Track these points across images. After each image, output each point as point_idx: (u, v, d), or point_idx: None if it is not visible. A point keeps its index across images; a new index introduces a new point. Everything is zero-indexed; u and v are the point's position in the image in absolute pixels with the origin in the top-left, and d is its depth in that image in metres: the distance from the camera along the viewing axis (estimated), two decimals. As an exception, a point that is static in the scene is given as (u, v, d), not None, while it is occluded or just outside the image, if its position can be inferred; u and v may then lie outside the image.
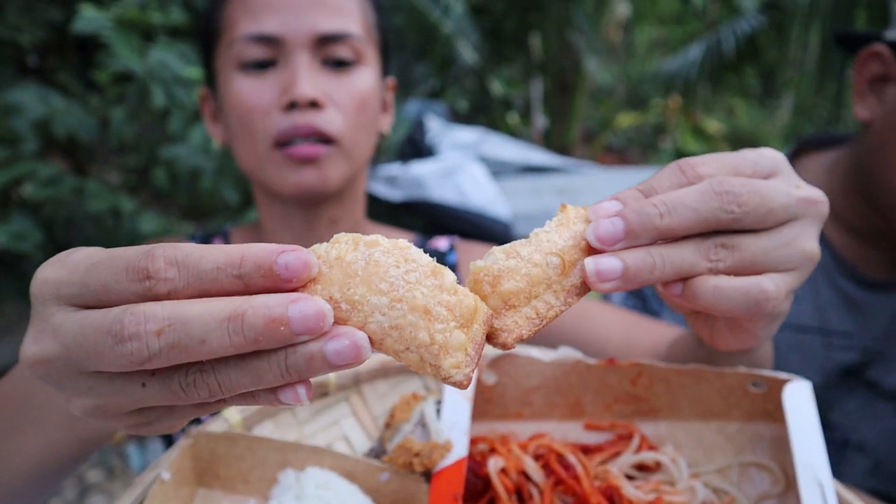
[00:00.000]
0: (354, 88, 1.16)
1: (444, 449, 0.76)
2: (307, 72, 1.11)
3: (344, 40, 1.15)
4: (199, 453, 0.76)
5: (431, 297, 0.48)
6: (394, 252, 0.49)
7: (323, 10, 1.14)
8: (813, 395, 0.77)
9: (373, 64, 1.21)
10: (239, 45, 1.13)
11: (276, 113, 1.12)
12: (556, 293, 0.57)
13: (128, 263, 0.45)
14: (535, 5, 8.04)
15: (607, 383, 0.86)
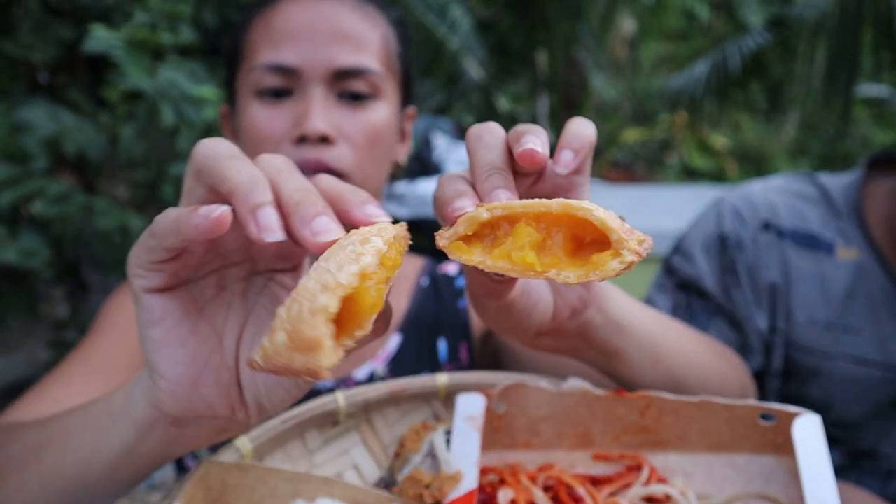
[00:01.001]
0: (368, 123, 1.16)
1: (454, 480, 0.76)
2: (321, 106, 1.12)
3: (361, 76, 1.15)
4: (210, 483, 0.77)
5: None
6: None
7: (343, 44, 1.14)
8: (822, 429, 0.77)
9: (390, 97, 1.21)
10: (257, 73, 1.14)
11: (286, 144, 1.12)
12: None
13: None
14: (542, 22, 8.08)
15: (616, 414, 0.86)
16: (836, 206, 1.36)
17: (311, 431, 0.89)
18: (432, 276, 1.37)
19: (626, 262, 0.55)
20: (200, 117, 2.31)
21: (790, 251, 1.34)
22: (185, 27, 2.43)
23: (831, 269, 1.32)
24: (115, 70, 2.22)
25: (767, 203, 1.39)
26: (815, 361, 1.30)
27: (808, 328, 1.31)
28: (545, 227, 0.59)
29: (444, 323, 1.31)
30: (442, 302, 1.32)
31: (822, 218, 1.36)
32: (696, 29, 11.40)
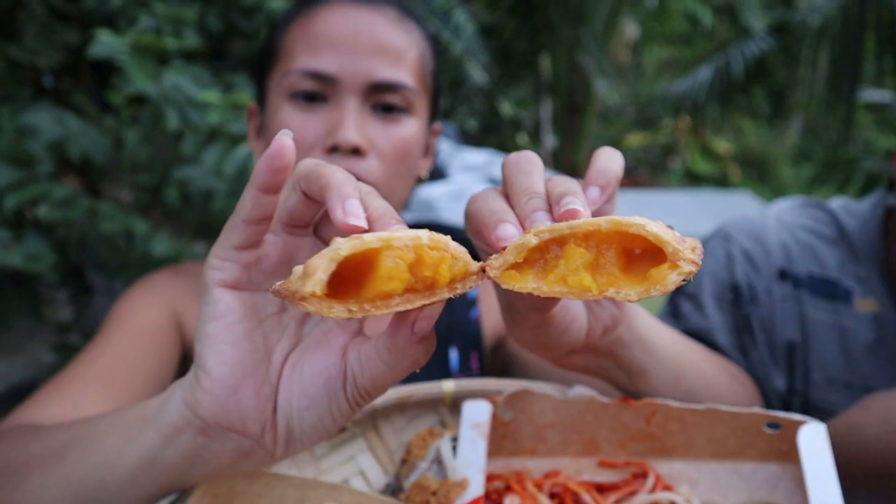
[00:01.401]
0: (399, 138, 1.16)
1: (461, 487, 0.76)
2: (355, 117, 1.12)
3: (396, 90, 1.16)
4: (218, 490, 0.77)
5: None
6: None
7: (382, 57, 1.14)
8: (828, 438, 0.77)
9: (421, 113, 1.22)
10: (294, 77, 1.14)
11: (317, 151, 1.12)
12: None
13: None
14: (545, 27, 8.09)
15: (622, 421, 0.86)
16: (854, 247, 1.29)
17: (317, 437, 0.89)
18: None
19: (684, 272, 0.54)
20: (205, 122, 2.32)
21: (807, 303, 1.27)
22: (190, 32, 2.43)
23: (850, 321, 1.25)
24: (119, 74, 2.23)
25: (781, 246, 1.31)
26: None
27: (826, 388, 1.24)
28: (595, 246, 0.58)
29: (456, 332, 1.31)
30: (453, 311, 1.32)
31: (840, 260, 1.29)
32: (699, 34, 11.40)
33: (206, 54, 2.79)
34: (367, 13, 1.17)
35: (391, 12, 1.20)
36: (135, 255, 2.39)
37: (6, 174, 2.03)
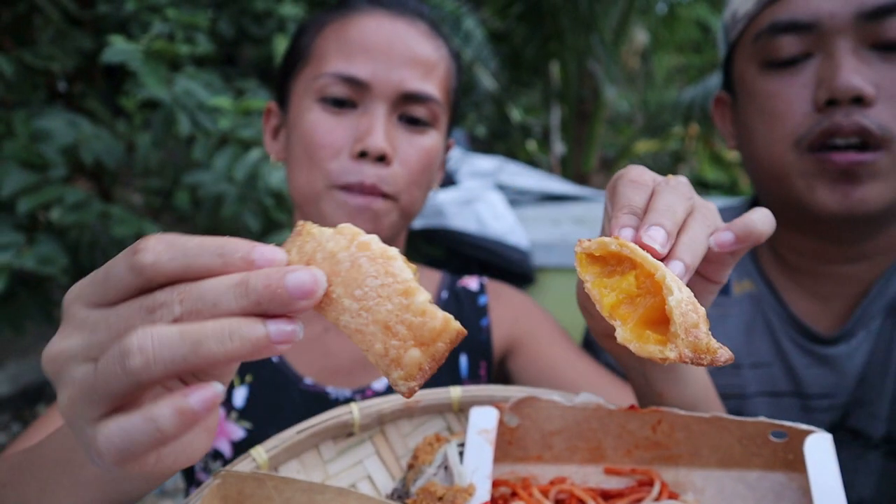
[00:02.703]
0: (423, 149, 1.19)
1: (467, 493, 0.77)
2: (384, 124, 1.14)
3: (425, 102, 1.18)
4: (227, 493, 0.78)
5: (394, 315, 0.52)
6: (378, 261, 0.52)
7: (415, 68, 1.16)
8: (834, 448, 0.77)
9: (442, 127, 1.24)
10: (326, 80, 1.15)
11: (344, 156, 1.14)
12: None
13: (130, 261, 0.51)
14: (555, 34, 8.10)
15: (628, 429, 0.86)
16: None
17: (326, 442, 0.90)
18: (452, 290, 1.38)
19: (663, 355, 0.58)
20: (216, 127, 2.34)
21: None
22: (202, 37, 2.46)
23: (729, 306, 1.29)
24: (132, 79, 2.25)
25: None
26: (735, 404, 1.26)
27: (716, 375, 1.27)
28: (645, 286, 0.62)
29: (466, 339, 1.31)
30: (464, 318, 1.33)
31: None
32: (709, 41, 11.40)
33: (217, 60, 2.82)
34: (402, 24, 1.19)
35: (423, 26, 1.22)
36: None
37: (20, 178, 2.05)
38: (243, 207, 2.45)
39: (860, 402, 1.19)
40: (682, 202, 0.70)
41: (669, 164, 12.44)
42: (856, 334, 1.19)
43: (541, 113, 11.32)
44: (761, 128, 1.15)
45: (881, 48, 1.05)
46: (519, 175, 4.80)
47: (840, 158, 1.04)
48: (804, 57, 1.10)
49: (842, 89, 1.03)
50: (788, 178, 1.13)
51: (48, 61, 2.39)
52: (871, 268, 1.20)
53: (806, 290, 1.25)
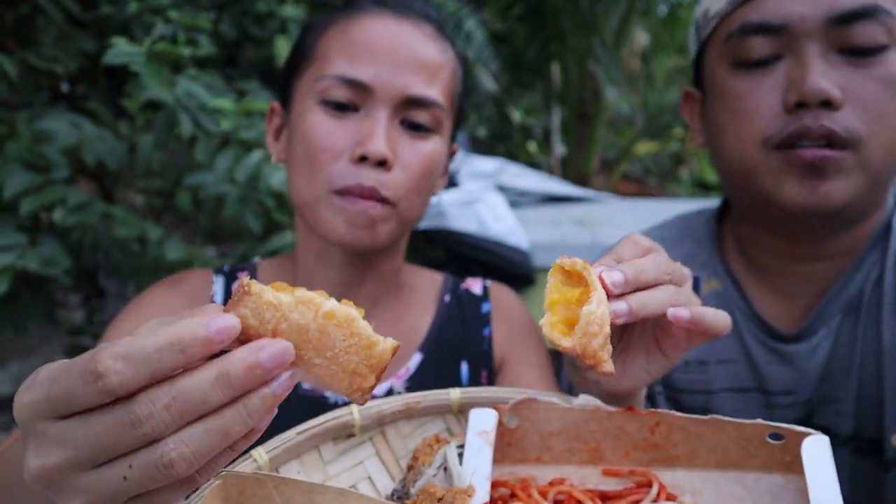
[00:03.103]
0: (424, 154, 1.17)
1: (467, 494, 0.78)
2: (386, 129, 1.12)
3: (428, 107, 1.16)
4: (228, 493, 0.78)
5: (361, 363, 0.60)
6: (343, 325, 0.59)
7: (418, 72, 1.15)
8: (830, 450, 0.78)
9: (445, 133, 1.22)
10: (328, 82, 1.14)
11: (344, 160, 1.13)
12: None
13: (84, 370, 0.51)
14: (556, 35, 8.11)
15: (626, 430, 0.87)
16: (698, 238, 1.37)
17: (326, 443, 0.91)
18: (455, 294, 1.37)
19: (560, 342, 0.75)
20: (218, 128, 2.34)
21: None
22: (204, 39, 2.46)
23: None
24: (134, 81, 2.26)
25: None
26: (700, 400, 1.29)
27: (683, 370, 1.30)
28: (583, 301, 0.76)
29: (468, 347, 1.31)
30: (466, 324, 1.32)
31: (685, 255, 1.36)
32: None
33: (218, 61, 2.82)
34: (407, 26, 1.17)
35: (429, 29, 1.20)
36: (148, 259, 2.41)
37: (23, 179, 2.06)
38: (245, 208, 2.46)
39: (825, 399, 1.21)
40: (656, 269, 0.83)
41: (670, 165, 12.43)
42: (816, 332, 1.21)
43: (541, 114, 11.33)
44: (731, 126, 1.18)
45: (849, 52, 1.08)
46: (519, 176, 4.81)
47: (807, 153, 1.07)
48: (774, 58, 1.12)
49: (811, 93, 1.06)
50: (756, 174, 1.15)
51: (51, 63, 2.39)
52: (833, 267, 1.22)
53: (770, 288, 1.28)
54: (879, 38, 1.06)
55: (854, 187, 1.09)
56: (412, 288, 1.36)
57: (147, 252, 2.39)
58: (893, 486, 1.15)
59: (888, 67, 1.07)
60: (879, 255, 1.20)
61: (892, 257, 1.19)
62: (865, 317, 1.19)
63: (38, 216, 2.38)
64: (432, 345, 1.29)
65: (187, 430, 0.52)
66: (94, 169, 2.60)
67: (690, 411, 1.27)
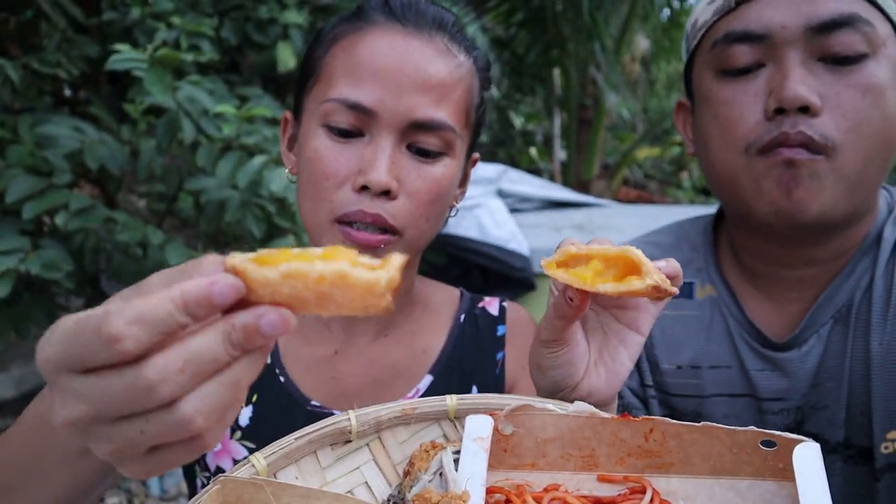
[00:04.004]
0: (432, 180, 1.11)
1: (462, 500, 0.78)
2: (389, 157, 1.06)
3: (436, 131, 1.09)
4: (226, 498, 0.79)
5: (368, 299, 0.58)
6: (339, 283, 0.58)
7: (426, 93, 1.08)
8: (821, 457, 0.79)
9: (459, 152, 1.16)
10: (331, 105, 1.08)
11: (347, 189, 1.08)
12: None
13: (94, 330, 0.53)
14: (557, 41, 8.13)
15: (621, 437, 0.88)
16: (694, 245, 1.39)
17: (323, 449, 0.92)
18: (470, 314, 1.33)
19: (646, 283, 0.78)
20: (220, 134, 2.36)
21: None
22: (206, 45, 2.48)
23: (691, 310, 1.33)
24: (137, 86, 2.27)
25: None
26: (693, 404, 1.30)
27: (676, 375, 1.32)
28: (606, 264, 0.82)
29: (480, 371, 1.28)
30: (480, 347, 1.29)
31: (682, 262, 1.33)
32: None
33: (220, 67, 2.84)
34: (416, 42, 1.10)
35: (441, 42, 1.12)
36: (150, 263, 2.42)
37: (26, 183, 2.07)
38: (246, 213, 2.47)
39: (815, 407, 1.22)
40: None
41: (670, 170, 12.44)
42: (807, 340, 1.22)
43: (542, 120, 11.35)
44: (715, 133, 1.20)
45: (829, 61, 1.10)
46: (520, 182, 4.82)
47: (784, 151, 1.09)
48: (757, 66, 1.14)
49: (789, 99, 1.08)
50: (738, 181, 1.17)
51: (54, 68, 2.41)
52: (824, 273, 1.23)
53: (763, 294, 1.29)
54: (858, 47, 1.08)
55: (828, 195, 1.10)
56: (426, 305, 1.32)
57: (149, 256, 2.41)
58: (885, 494, 1.16)
59: (867, 76, 1.09)
60: (870, 263, 1.20)
61: (882, 266, 1.19)
62: (855, 325, 1.19)
63: (41, 220, 2.39)
64: (444, 368, 1.26)
65: (201, 389, 0.55)
66: (96, 174, 2.62)
67: (683, 415, 1.30)
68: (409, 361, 1.27)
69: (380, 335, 1.27)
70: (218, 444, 0.64)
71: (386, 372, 1.25)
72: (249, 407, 1.21)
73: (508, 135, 9.72)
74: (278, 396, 1.21)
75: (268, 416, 1.20)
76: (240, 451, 1.19)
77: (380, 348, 1.26)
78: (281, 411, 1.20)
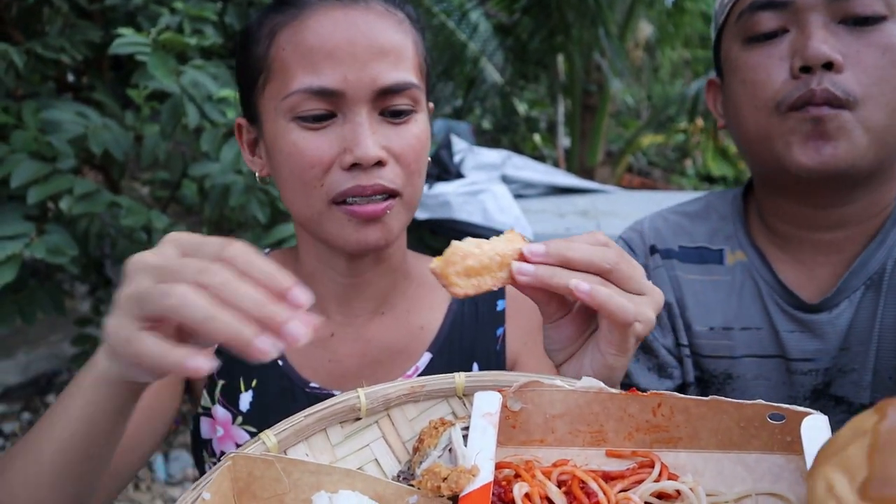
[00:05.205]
0: (412, 138, 1.11)
1: (471, 474, 0.79)
2: (370, 129, 1.07)
3: (403, 92, 1.10)
4: (237, 475, 0.80)
5: None
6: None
7: (383, 60, 1.08)
8: (829, 429, 0.79)
9: (424, 104, 1.17)
10: (296, 98, 1.06)
11: (336, 170, 1.08)
12: (493, 278, 0.89)
13: (222, 244, 0.74)
14: (561, 27, 8.09)
15: (629, 412, 0.88)
16: (723, 214, 1.45)
17: (333, 426, 0.92)
18: None
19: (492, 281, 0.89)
20: (223, 118, 2.35)
21: (678, 269, 1.42)
22: (210, 29, 2.47)
23: (722, 275, 1.40)
24: (141, 71, 2.26)
25: (653, 229, 1.48)
26: (724, 365, 1.37)
27: (708, 336, 1.38)
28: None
29: (479, 347, 1.28)
30: (479, 323, 1.29)
31: (709, 230, 1.44)
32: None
33: (223, 52, 2.83)
34: (356, 12, 1.09)
35: (378, 6, 1.12)
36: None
37: (30, 169, 2.07)
38: (250, 198, 2.47)
39: (843, 370, 1.29)
40: (590, 256, 0.88)
41: (674, 157, 12.41)
42: (838, 304, 1.28)
43: (546, 106, 11.31)
44: (744, 96, 1.27)
45: (850, 22, 1.17)
46: (524, 168, 4.82)
47: (812, 110, 1.16)
48: (781, 31, 1.22)
49: (813, 56, 1.15)
50: (770, 139, 1.23)
51: (57, 53, 2.40)
52: (852, 237, 1.30)
53: (793, 259, 1.35)
54: (878, 9, 1.16)
55: (855, 146, 1.17)
56: (421, 281, 1.31)
57: (153, 241, 2.41)
58: None
59: (886, 36, 1.16)
60: None
61: None
62: (887, 292, 1.26)
63: (45, 205, 2.39)
64: (443, 345, 1.26)
65: (199, 294, 0.68)
66: (100, 160, 2.62)
67: (714, 376, 1.37)
68: (407, 340, 1.27)
69: (376, 314, 1.26)
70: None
71: (384, 351, 1.25)
72: (249, 392, 1.22)
73: (512, 121, 9.69)
74: (278, 380, 1.22)
75: (268, 401, 1.21)
76: (242, 435, 1.21)
77: (376, 328, 1.26)
78: (281, 395, 1.21)
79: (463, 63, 8.51)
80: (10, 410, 4.07)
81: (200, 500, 0.75)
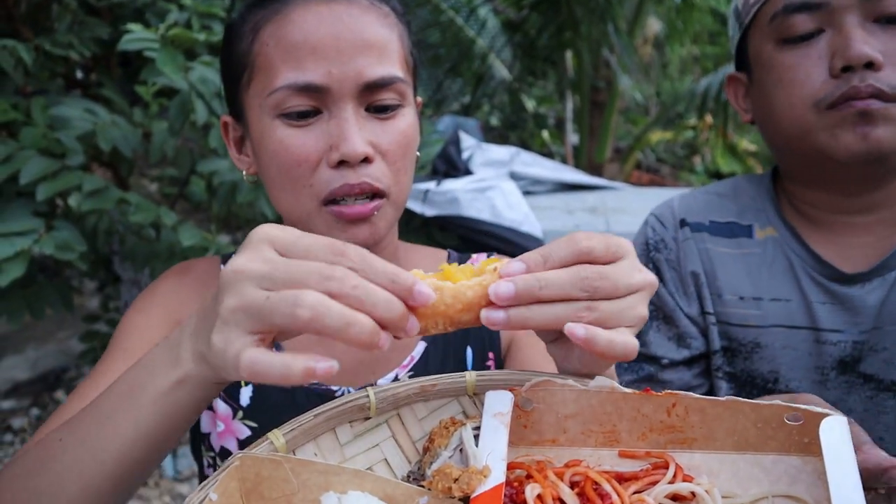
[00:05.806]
0: (400, 134, 1.11)
1: (482, 475, 0.78)
2: (356, 125, 1.06)
3: (389, 86, 1.09)
4: (245, 475, 0.79)
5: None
6: None
7: (368, 54, 1.07)
8: (849, 430, 0.77)
9: (412, 98, 1.16)
10: (280, 94, 1.06)
11: (324, 168, 1.07)
12: (451, 323, 0.80)
13: (331, 244, 0.72)
14: (570, 23, 8.06)
15: (643, 412, 0.87)
16: (752, 195, 1.50)
17: (342, 426, 0.91)
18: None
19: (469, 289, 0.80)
20: (232, 115, 2.34)
21: (708, 241, 1.47)
22: (218, 25, 2.46)
23: (752, 248, 1.44)
24: (149, 67, 2.26)
25: (684, 205, 1.54)
26: (752, 335, 1.40)
27: (738, 305, 1.42)
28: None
29: (473, 331, 1.27)
30: None
31: (739, 209, 1.49)
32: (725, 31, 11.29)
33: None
34: (341, 6, 1.07)
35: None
36: (162, 245, 2.42)
37: (39, 165, 2.07)
38: (258, 194, 2.47)
39: (874, 349, 1.33)
40: (568, 284, 0.79)
41: (683, 154, 12.37)
42: (871, 280, 1.33)
43: (555, 102, 11.29)
44: (781, 95, 1.32)
45: (882, 21, 1.23)
46: (533, 164, 4.80)
47: (858, 104, 1.22)
48: (817, 32, 1.27)
49: (855, 57, 1.21)
50: (811, 133, 1.28)
51: (66, 49, 2.40)
52: (881, 220, 1.36)
53: (825, 237, 1.40)
54: None
55: None
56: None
57: (161, 238, 2.41)
58: None
59: None
60: None
61: None
62: None
63: (54, 202, 2.39)
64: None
65: (332, 300, 0.68)
66: (108, 157, 2.61)
67: (742, 345, 1.41)
68: None
69: None
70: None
71: None
72: (249, 387, 1.21)
73: (520, 117, 9.67)
74: None
75: (268, 396, 1.21)
76: (242, 430, 1.20)
77: None
78: (280, 390, 1.21)
79: (471, 59, 8.49)
80: (20, 406, 4.08)
81: (207, 500, 0.74)
